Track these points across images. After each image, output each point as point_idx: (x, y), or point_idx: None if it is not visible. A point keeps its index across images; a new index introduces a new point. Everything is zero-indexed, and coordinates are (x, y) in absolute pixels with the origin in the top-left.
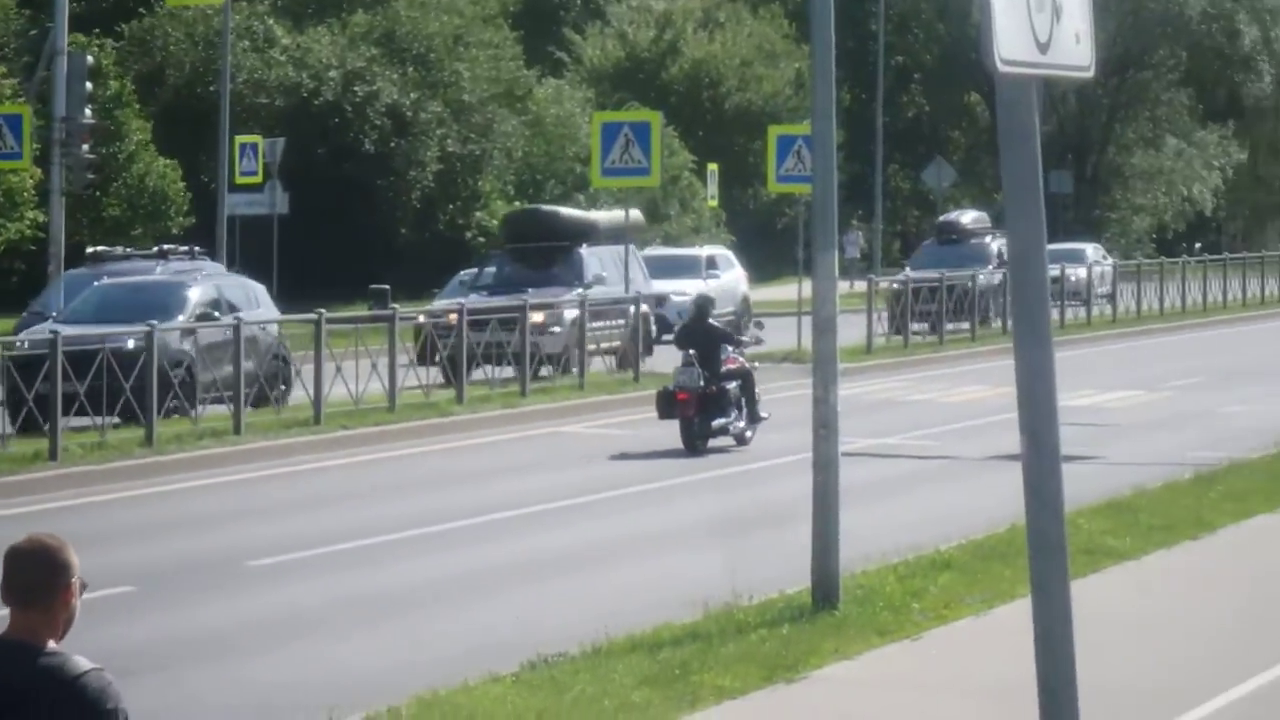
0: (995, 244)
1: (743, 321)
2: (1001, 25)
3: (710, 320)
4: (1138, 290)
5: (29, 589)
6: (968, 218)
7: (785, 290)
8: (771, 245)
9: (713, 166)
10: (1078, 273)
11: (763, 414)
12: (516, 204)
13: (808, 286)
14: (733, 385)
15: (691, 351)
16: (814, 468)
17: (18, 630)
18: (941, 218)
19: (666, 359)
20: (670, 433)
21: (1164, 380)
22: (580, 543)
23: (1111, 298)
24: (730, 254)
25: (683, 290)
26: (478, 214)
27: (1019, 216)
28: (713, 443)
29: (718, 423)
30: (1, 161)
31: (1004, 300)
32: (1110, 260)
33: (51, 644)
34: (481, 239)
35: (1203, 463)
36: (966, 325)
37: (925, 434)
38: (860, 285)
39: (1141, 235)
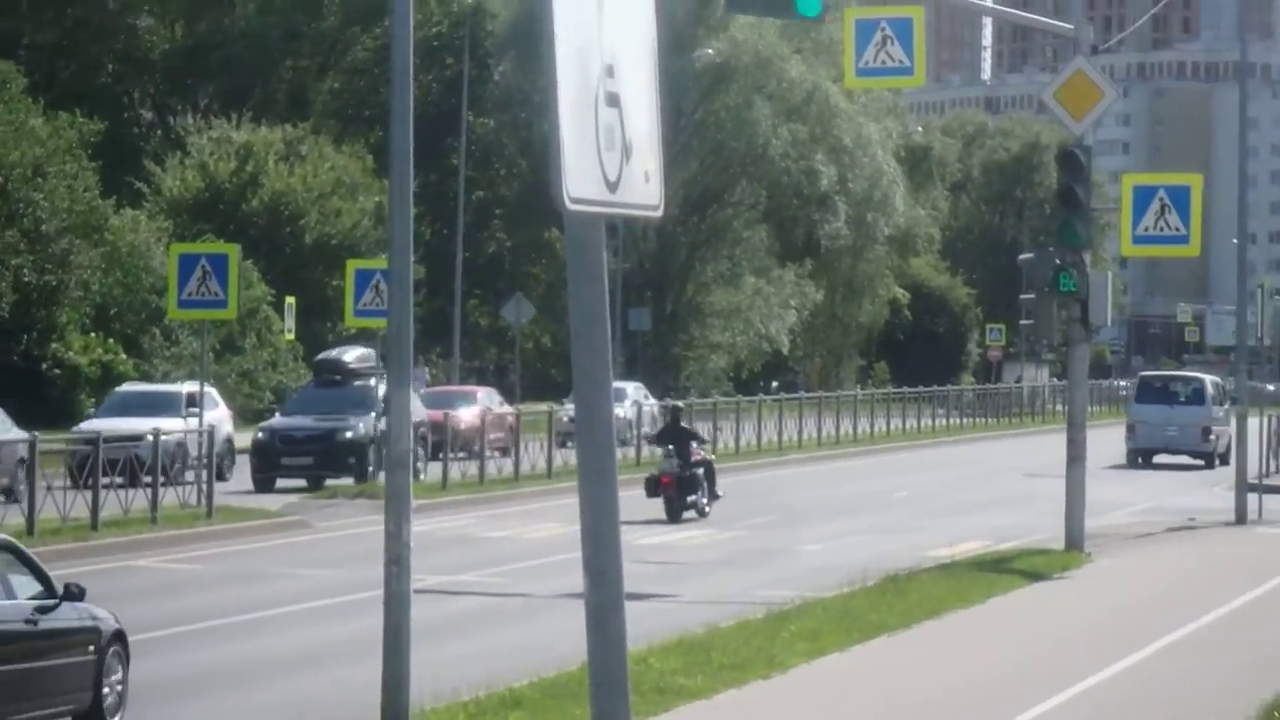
0: (382, 386)
1: (224, 463)
2: (571, 163)
3: (683, 424)
4: (713, 428)
5: None
6: (351, 355)
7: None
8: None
9: (290, 299)
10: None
11: (719, 493)
12: (93, 335)
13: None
14: (700, 471)
15: (670, 446)
16: (384, 605)
17: None
18: (320, 356)
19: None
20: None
21: (738, 519)
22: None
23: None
24: (216, 393)
25: (164, 429)
26: (54, 345)
27: (585, 355)
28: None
29: (690, 499)
30: None
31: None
32: (651, 400)
33: None
34: (58, 370)
35: (775, 601)
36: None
37: (499, 571)
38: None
39: (719, 373)
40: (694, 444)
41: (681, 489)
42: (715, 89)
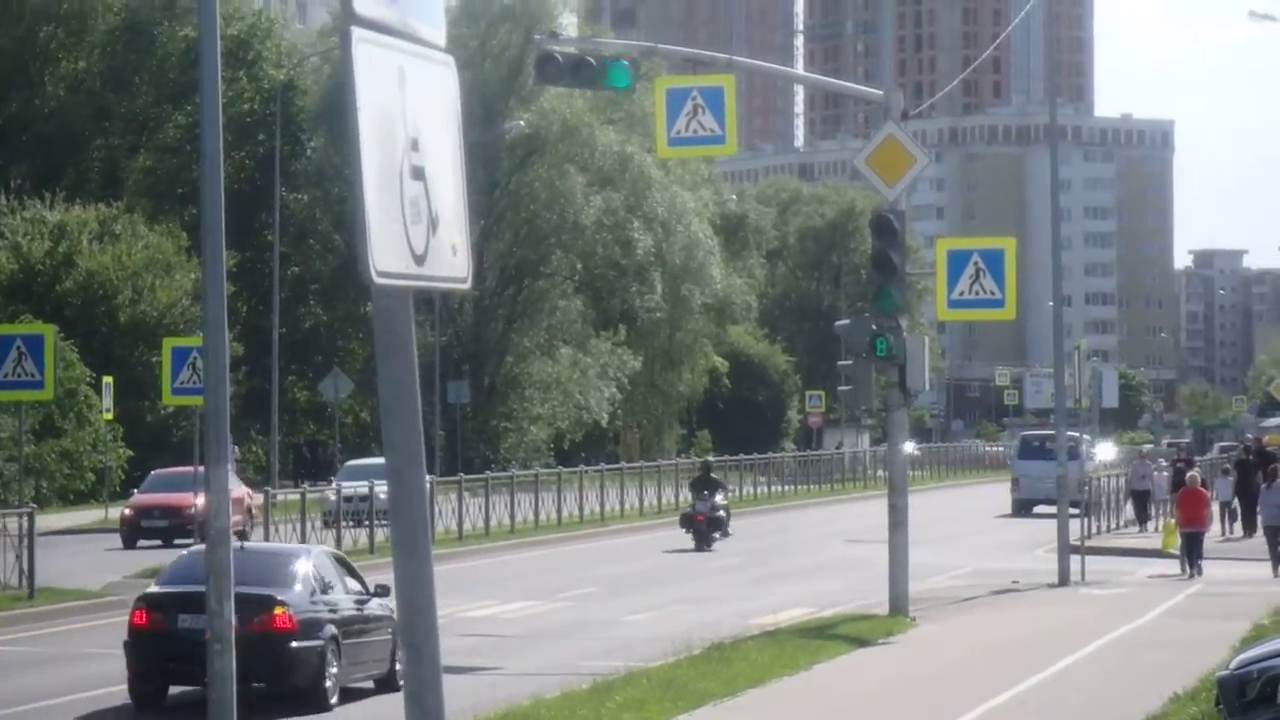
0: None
1: None
2: (377, 237)
3: (713, 474)
4: (535, 501)
5: None
6: None
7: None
8: (169, 456)
9: (108, 379)
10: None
11: (729, 532)
12: None
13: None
14: (722, 513)
15: (705, 491)
16: (209, 683)
17: None
18: None
19: None
20: None
21: (562, 590)
22: None
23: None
24: None
25: None
26: None
27: (396, 429)
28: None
29: (715, 535)
30: None
31: None
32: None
33: None
34: None
35: (600, 672)
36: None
37: None
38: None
39: (540, 445)
40: (720, 491)
41: (709, 525)
42: (527, 160)
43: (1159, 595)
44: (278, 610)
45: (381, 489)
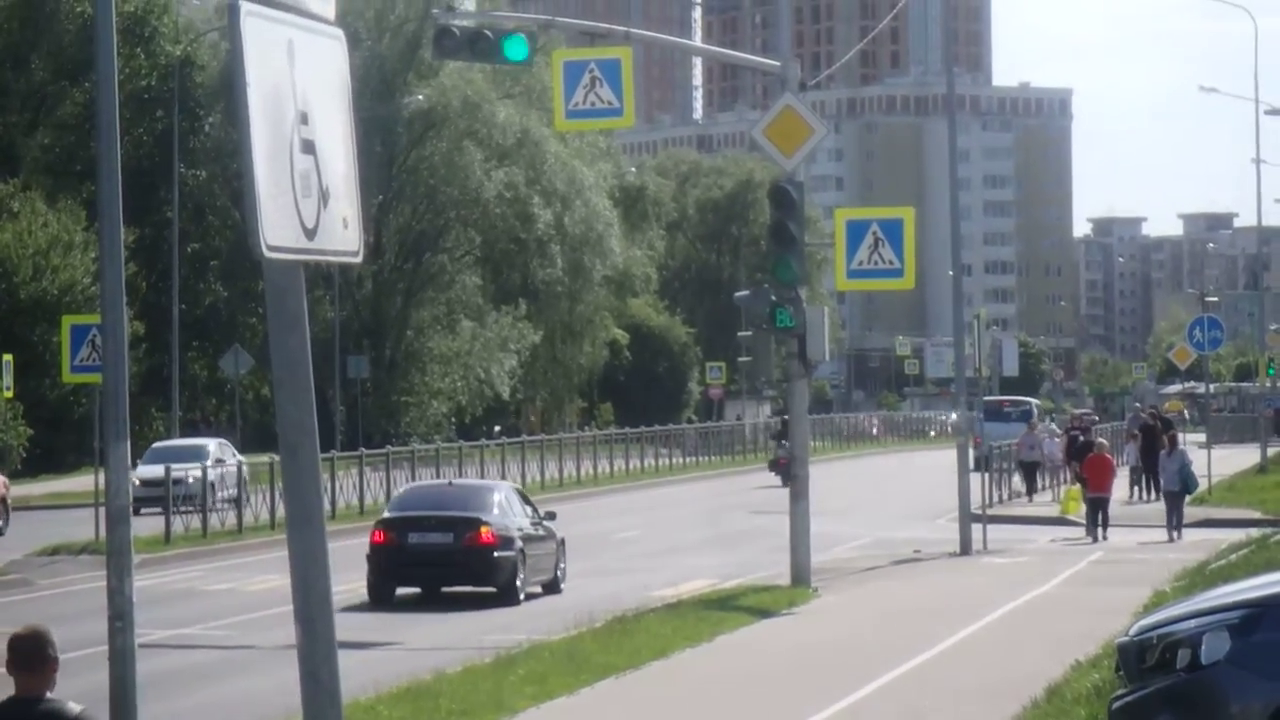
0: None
1: None
2: (267, 211)
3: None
4: (436, 475)
5: (30, 660)
6: None
7: (86, 481)
8: (70, 435)
9: (7, 357)
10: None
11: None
12: None
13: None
14: None
15: (784, 442)
16: (110, 661)
17: (23, 690)
18: None
19: None
20: None
21: None
22: None
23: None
24: None
25: None
26: None
27: (289, 403)
28: None
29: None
30: None
31: None
32: (237, 458)
33: (49, 695)
34: None
35: (501, 646)
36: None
37: (225, 623)
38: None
39: (441, 419)
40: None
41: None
42: (426, 135)
43: (1061, 563)
44: (483, 529)
45: (181, 472)
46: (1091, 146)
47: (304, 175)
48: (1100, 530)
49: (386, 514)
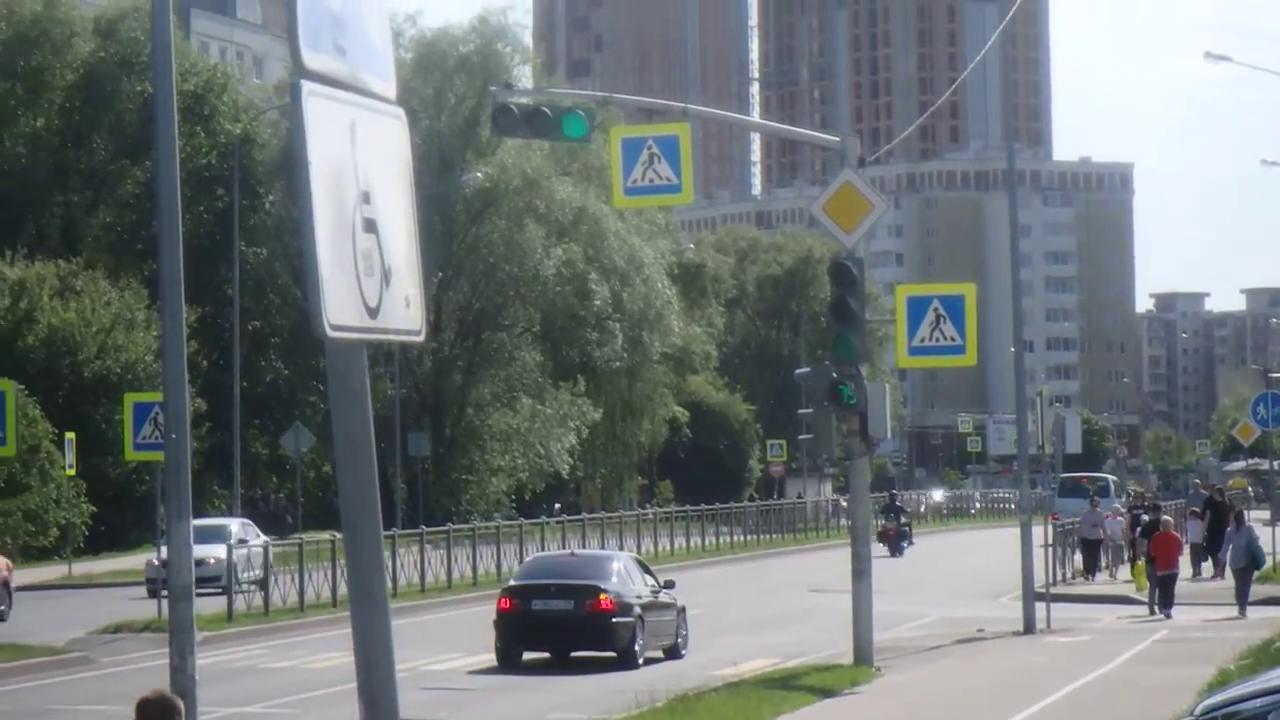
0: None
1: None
2: (329, 290)
3: (897, 502)
4: (497, 553)
5: None
6: None
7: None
8: (132, 513)
9: (70, 435)
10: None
11: (913, 542)
12: None
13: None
14: (907, 528)
15: (891, 514)
16: None
17: None
18: None
19: None
20: None
21: None
22: None
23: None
24: None
25: None
26: None
27: (351, 481)
28: None
29: (901, 544)
30: None
31: None
32: (262, 538)
33: None
34: None
35: None
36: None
37: (288, 701)
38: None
39: (501, 496)
40: (903, 515)
41: (897, 538)
42: (485, 212)
43: (1125, 642)
44: (603, 596)
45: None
46: (1153, 221)
47: (366, 254)
48: (1165, 607)
49: (512, 581)
